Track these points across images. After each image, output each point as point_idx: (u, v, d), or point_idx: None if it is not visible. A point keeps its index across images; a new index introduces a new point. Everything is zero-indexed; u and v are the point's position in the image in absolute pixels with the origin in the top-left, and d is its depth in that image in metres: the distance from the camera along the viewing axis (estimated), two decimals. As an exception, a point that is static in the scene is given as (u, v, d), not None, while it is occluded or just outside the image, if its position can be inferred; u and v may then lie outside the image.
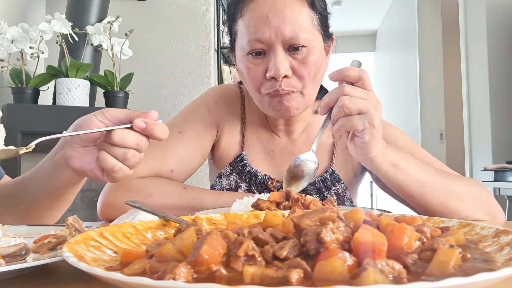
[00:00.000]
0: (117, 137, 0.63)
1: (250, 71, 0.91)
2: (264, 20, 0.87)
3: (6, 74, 1.88)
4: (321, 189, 1.02)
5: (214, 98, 1.08)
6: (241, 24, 0.92)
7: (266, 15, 0.87)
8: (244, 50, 0.91)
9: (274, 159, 1.06)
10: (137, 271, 0.34)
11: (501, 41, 3.51)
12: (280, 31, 0.86)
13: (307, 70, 0.89)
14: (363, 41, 7.22)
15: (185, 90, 2.58)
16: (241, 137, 1.06)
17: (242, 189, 1.03)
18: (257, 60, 0.90)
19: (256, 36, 0.87)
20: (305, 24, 0.89)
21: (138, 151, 0.66)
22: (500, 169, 2.97)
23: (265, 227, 0.44)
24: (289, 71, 0.88)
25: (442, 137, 4.55)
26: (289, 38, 0.87)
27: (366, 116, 0.74)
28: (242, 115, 1.08)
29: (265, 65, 0.89)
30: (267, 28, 0.86)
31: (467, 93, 3.89)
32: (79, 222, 0.54)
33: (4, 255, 0.44)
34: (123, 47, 2.06)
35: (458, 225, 0.49)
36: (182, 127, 1.01)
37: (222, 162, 1.07)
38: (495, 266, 0.35)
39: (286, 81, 0.88)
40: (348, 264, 0.31)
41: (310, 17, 0.90)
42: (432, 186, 0.83)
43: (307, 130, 1.07)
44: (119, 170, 0.65)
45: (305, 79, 0.90)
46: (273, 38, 0.86)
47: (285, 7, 0.87)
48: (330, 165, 1.04)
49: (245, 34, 0.90)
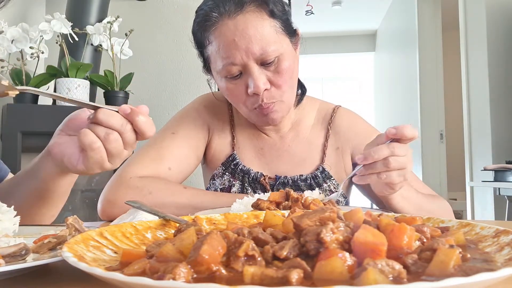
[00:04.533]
0: (102, 114, 0.62)
1: (231, 92, 0.96)
2: (232, 45, 0.90)
3: (6, 74, 1.88)
4: (312, 185, 1.04)
5: (203, 103, 1.13)
6: (211, 50, 0.95)
7: (232, 39, 0.90)
8: (220, 73, 0.94)
9: (264, 157, 1.09)
10: (137, 271, 0.34)
11: (501, 41, 3.51)
12: (250, 51, 0.89)
13: (283, 78, 0.94)
14: (363, 41, 7.22)
15: (185, 90, 2.58)
16: (231, 138, 1.10)
17: (235, 187, 1.06)
18: (235, 80, 0.94)
19: (229, 60, 0.91)
20: (270, 37, 0.92)
21: (122, 136, 0.64)
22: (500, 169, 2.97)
23: (265, 227, 0.44)
24: (267, 85, 0.92)
25: (442, 137, 4.55)
26: (259, 54, 0.90)
27: (404, 172, 0.77)
28: (230, 117, 1.12)
29: (244, 83, 0.93)
30: (237, 51, 0.90)
31: (467, 93, 3.88)
32: (79, 222, 0.54)
33: (4, 255, 0.44)
34: (123, 47, 2.06)
35: (458, 225, 0.49)
36: (175, 129, 1.06)
37: (215, 163, 1.10)
38: (495, 266, 0.35)
39: (266, 94, 0.93)
40: (348, 264, 0.31)
41: (273, 26, 0.93)
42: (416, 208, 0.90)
43: (295, 128, 1.10)
44: (97, 149, 0.63)
45: (282, 87, 0.94)
46: (245, 59, 0.90)
47: (248, 27, 0.90)
48: (321, 163, 1.07)
49: (218, 59, 0.93)
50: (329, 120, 1.11)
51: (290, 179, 1.03)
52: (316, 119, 1.12)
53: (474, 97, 3.79)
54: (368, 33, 7.17)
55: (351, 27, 6.81)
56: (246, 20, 0.90)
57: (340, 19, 6.33)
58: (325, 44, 6.97)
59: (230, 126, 1.11)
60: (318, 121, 1.12)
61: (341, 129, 1.09)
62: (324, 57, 7.21)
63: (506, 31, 3.51)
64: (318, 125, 1.11)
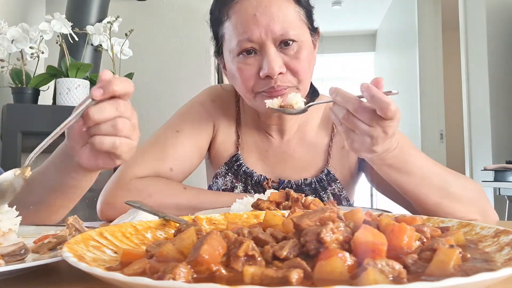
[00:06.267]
0: (92, 113, 0.58)
1: (242, 72, 0.90)
2: (252, 20, 0.86)
3: (6, 74, 1.88)
4: (317, 190, 1.02)
5: (210, 97, 1.08)
6: (228, 27, 0.91)
7: (253, 14, 0.86)
8: (234, 51, 0.90)
9: (268, 160, 1.06)
10: (137, 271, 0.34)
11: (501, 41, 3.51)
12: (270, 28, 0.86)
13: (301, 65, 0.89)
14: (363, 41, 7.21)
15: (185, 90, 2.58)
16: (236, 137, 1.07)
17: (238, 189, 1.04)
18: (249, 59, 0.89)
19: (245, 36, 0.87)
20: (293, 20, 0.89)
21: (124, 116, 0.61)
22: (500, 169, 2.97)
23: (265, 227, 0.44)
24: (283, 68, 0.88)
25: (442, 137, 4.55)
26: (280, 34, 0.87)
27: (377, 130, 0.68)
28: (237, 116, 1.08)
29: (257, 64, 0.89)
30: (256, 27, 0.86)
31: (467, 93, 3.88)
32: (79, 222, 0.54)
33: (3, 254, 0.44)
34: (123, 47, 2.05)
35: (458, 225, 0.49)
36: (180, 126, 1.02)
37: (218, 161, 1.08)
38: (495, 266, 0.35)
39: (281, 78, 0.88)
40: (348, 264, 0.31)
41: (297, 12, 0.91)
42: (429, 186, 0.81)
43: (301, 130, 1.07)
44: (120, 144, 0.61)
45: (300, 74, 0.90)
46: (263, 37, 0.86)
47: (271, 5, 0.87)
48: (325, 165, 1.04)
49: (234, 36, 0.89)
50: None
51: (294, 183, 1.01)
52: (321, 119, 1.08)
53: (474, 97, 3.79)
54: (368, 33, 7.17)
55: (351, 27, 6.80)
56: None
57: (340, 19, 6.33)
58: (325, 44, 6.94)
59: (236, 124, 1.07)
60: (324, 121, 1.08)
61: None
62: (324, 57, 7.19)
63: (506, 31, 3.51)
64: (324, 125, 1.08)
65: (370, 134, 0.68)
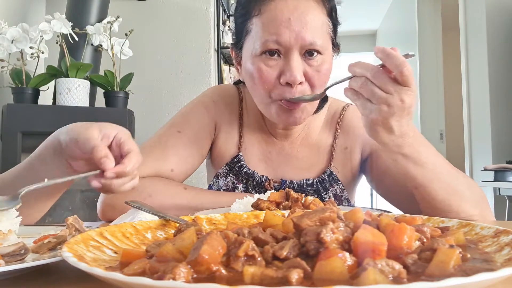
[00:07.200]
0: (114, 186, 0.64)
1: (262, 73, 0.88)
2: (285, 23, 0.85)
3: (6, 74, 1.88)
4: (319, 190, 1.01)
5: (212, 98, 1.08)
6: (257, 23, 0.89)
7: (288, 17, 0.85)
8: (256, 49, 0.88)
9: (271, 161, 1.05)
10: (137, 271, 0.34)
11: (501, 41, 3.51)
12: (301, 35, 0.85)
13: (320, 79, 0.88)
14: (363, 41, 7.22)
15: (185, 90, 2.58)
16: (238, 138, 1.06)
17: (239, 190, 1.04)
18: (271, 61, 0.87)
19: (274, 37, 0.85)
20: (322, 31, 0.89)
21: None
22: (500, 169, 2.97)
23: (265, 227, 0.44)
24: (303, 78, 0.87)
25: (442, 137, 4.55)
26: (309, 43, 0.85)
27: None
28: (240, 116, 1.07)
29: (279, 68, 0.87)
30: (287, 31, 0.85)
31: (467, 93, 3.89)
32: (79, 222, 0.54)
33: (3, 254, 0.44)
34: (123, 47, 2.05)
35: (458, 225, 0.49)
36: (181, 127, 1.02)
37: (219, 162, 1.07)
38: (495, 266, 0.35)
39: (299, 88, 0.87)
40: (348, 264, 0.31)
41: (327, 25, 0.90)
42: (439, 181, 0.79)
43: (305, 130, 1.06)
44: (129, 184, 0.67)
45: (316, 87, 0.89)
46: (292, 42, 0.85)
47: (307, 13, 0.86)
48: (328, 166, 1.04)
49: (261, 34, 0.87)
50: (338, 119, 1.06)
51: (296, 183, 1.01)
52: (325, 119, 1.08)
53: (474, 97, 3.79)
54: (368, 33, 7.17)
55: (351, 27, 6.80)
56: (308, 5, 0.87)
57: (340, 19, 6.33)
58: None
59: (238, 125, 1.07)
60: (327, 121, 1.07)
61: (351, 127, 1.05)
62: (324, 57, 7.20)
63: (506, 31, 3.51)
64: (327, 125, 1.07)
65: (387, 102, 0.68)
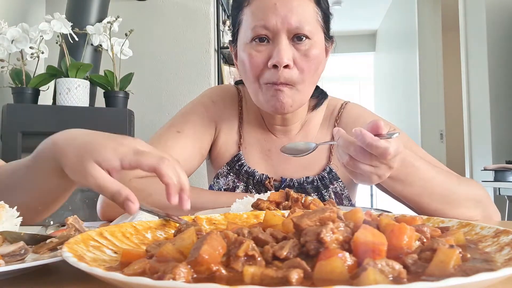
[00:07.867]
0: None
1: (251, 58, 0.92)
2: (271, 8, 0.89)
3: (6, 74, 1.88)
4: (319, 188, 1.02)
5: (212, 98, 1.09)
6: (247, 13, 0.93)
7: (273, 3, 0.89)
8: (247, 37, 0.92)
9: (271, 159, 1.06)
10: (137, 271, 0.34)
11: (501, 41, 3.51)
12: (287, 19, 0.88)
13: (308, 63, 0.91)
14: (363, 41, 7.22)
15: (185, 90, 2.58)
16: (238, 136, 1.07)
17: (240, 189, 1.04)
18: (261, 47, 0.91)
19: (262, 22, 0.89)
20: (310, 17, 0.91)
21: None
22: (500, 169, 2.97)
23: (265, 227, 0.44)
24: (291, 61, 0.89)
25: (442, 137, 4.55)
26: (295, 27, 0.89)
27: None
28: (240, 115, 1.08)
29: (268, 53, 0.90)
30: (274, 15, 0.89)
31: (467, 93, 3.89)
32: (79, 222, 0.54)
33: (3, 254, 0.44)
34: (123, 47, 2.05)
35: (458, 225, 0.49)
36: (181, 127, 1.02)
37: (219, 162, 1.07)
38: (495, 266, 0.35)
39: (286, 72, 0.89)
40: (348, 264, 0.31)
41: (315, 12, 0.93)
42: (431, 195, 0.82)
43: (304, 128, 1.07)
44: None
45: (305, 73, 0.91)
46: (279, 26, 0.89)
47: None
48: (328, 163, 1.05)
49: (250, 21, 0.92)
50: (337, 117, 1.08)
51: (296, 181, 1.01)
52: (324, 117, 1.09)
53: (474, 97, 3.79)
54: (368, 33, 7.17)
55: (351, 27, 6.81)
56: None
57: (340, 19, 6.33)
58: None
59: (238, 123, 1.08)
60: (326, 119, 1.09)
61: (349, 124, 1.05)
62: (324, 57, 7.20)
63: (506, 31, 3.51)
64: (326, 123, 1.08)
65: (375, 171, 0.69)
